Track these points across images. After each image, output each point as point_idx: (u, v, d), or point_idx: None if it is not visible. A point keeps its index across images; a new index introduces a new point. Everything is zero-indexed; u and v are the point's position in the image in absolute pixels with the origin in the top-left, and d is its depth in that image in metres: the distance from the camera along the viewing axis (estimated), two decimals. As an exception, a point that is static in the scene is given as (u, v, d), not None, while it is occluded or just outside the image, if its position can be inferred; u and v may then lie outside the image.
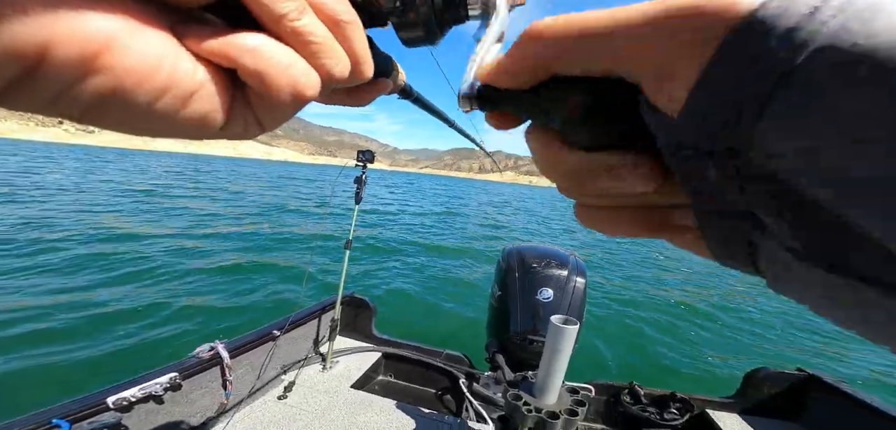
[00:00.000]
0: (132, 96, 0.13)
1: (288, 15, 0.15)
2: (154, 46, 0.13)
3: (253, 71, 0.15)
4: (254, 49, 0.15)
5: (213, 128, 0.16)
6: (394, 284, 5.57)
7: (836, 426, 1.67)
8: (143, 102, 0.13)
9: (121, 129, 0.14)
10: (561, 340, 0.80)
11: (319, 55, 0.16)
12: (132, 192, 13.74)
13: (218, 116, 0.16)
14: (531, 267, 1.71)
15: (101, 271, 4.76)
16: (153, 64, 0.13)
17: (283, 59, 0.15)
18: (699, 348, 4.27)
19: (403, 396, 1.77)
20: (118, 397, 1.11)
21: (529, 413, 0.81)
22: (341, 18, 0.17)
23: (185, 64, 0.14)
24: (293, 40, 0.16)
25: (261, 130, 0.18)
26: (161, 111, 0.13)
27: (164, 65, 0.13)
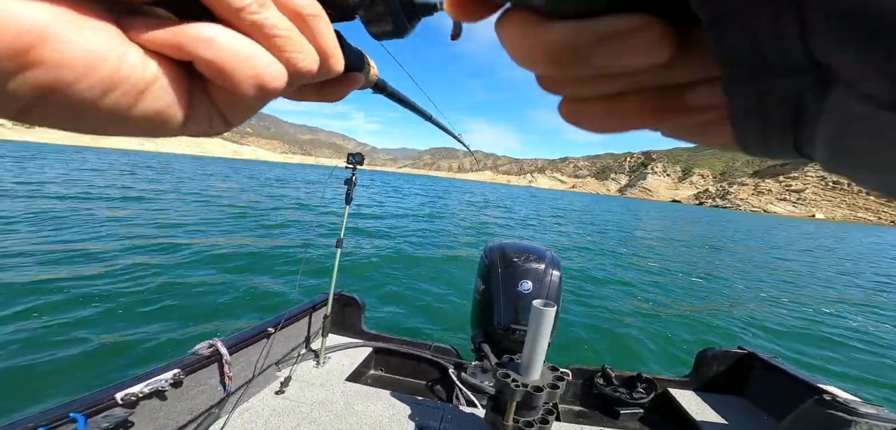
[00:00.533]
0: (74, 92, 0.12)
1: (247, 7, 0.14)
2: (96, 39, 0.12)
3: (210, 62, 0.14)
4: (209, 39, 0.14)
5: (173, 125, 0.15)
6: (380, 282, 5.61)
7: (771, 397, 1.94)
8: (88, 98, 0.12)
9: (68, 127, 0.13)
10: (542, 321, 0.94)
11: (284, 48, 0.16)
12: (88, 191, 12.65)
13: (176, 111, 0.15)
14: (512, 262, 1.85)
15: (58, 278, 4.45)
16: (95, 57, 0.12)
17: (243, 50, 0.15)
18: (660, 331, 4.71)
19: (395, 388, 1.87)
20: (125, 392, 1.14)
21: (517, 388, 0.96)
22: (305, 12, 0.17)
23: (133, 57, 0.13)
24: (255, 34, 0.15)
25: (227, 126, 0.17)
26: (110, 108, 0.13)
27: (109, 58, 0.12)
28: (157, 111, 0.14)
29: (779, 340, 4.96)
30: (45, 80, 0.11)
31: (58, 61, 0.11)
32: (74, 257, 5.16)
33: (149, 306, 3.82)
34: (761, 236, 24.85)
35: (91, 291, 4.04)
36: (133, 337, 3.15)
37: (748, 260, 12.64)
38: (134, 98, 0.13)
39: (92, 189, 13.09)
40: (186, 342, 1.45)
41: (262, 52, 0.15)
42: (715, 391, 2.04)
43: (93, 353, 2.87)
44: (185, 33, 0.14)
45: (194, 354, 1.43)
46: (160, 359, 1.35)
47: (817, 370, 4.01)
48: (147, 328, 3.34)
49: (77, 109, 0.12)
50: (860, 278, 10.74)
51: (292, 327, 1.98)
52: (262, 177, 33.04)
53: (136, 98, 0.13)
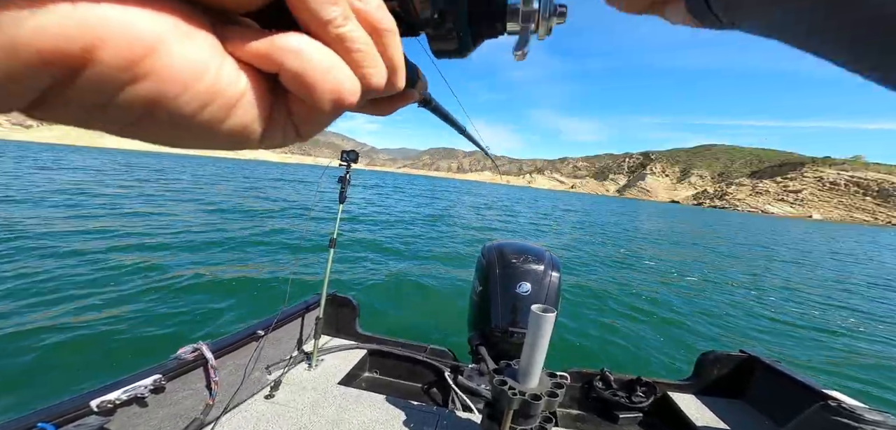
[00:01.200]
0: (176, 106, 0.12)
1: (334, 20, 0.14)
2: (201, 50, 0.12)
3: (297, 73, 0.14)
4: (299, 51, 0.14)
5: (253, 138, 0.15)
6: (377, 282, 5.56)
7: (773, 400, 1.90)
8: (187, 112, 0.12)
9: (163, 141, 0.13)
10: (541, 327, 0.90)
11: (361, 63, 0.16)
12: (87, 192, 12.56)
13: (258, 126, 0.15)
14: (510, 262, 1.81)
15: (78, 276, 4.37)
16: (199, 69, 0.12)
17: (326, 63, 0.14)
18: (660, 334, 4.66)
19: (390, 391, 1.82)
20: (102, 400, 1.08)
21: (514, 396, 0.91)
22: (382, 27, 0.17)
23: (228, 70, 0.13)
24: (337, 46, 0.15)
25: (298, 139, 0.17)
26: (204, 122, 0.13)
27: (209, 70, 0.12)
28: (243, 125, 0.14)
29: (781, 340, 4.92)
30: (154, 92, 0.11)
31: (166, 74, 0.11)
32: (57, 256, 5.09)
33: (128, 308, 3.74)
34: (756, 236, 24.88)
35: (67, 290, 3.97)
36: (109, 342, 3.06)
37: (748, 261, 12.63)
38: (226, 112, 0.13)
39: (81, 187, 12.99)
40: (168, 348, 1.39)
41: (342, 66, 0.15)
42: (716, 394, 2.01)
43: (66, 358, 2.79)
44: (276, 44, 0.14)
45: (177, 358, 1.37)
46: (139, 366, 1.28)
47: (822, 372, 3.98)
48: (125, 333, 3.26)
49: (176, 124, 0.12)
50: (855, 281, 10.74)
51: (283, 329, 1.92)
52: (259, 177, 32.94)
53: (228, 112, 0.13)
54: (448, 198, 31.50)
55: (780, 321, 5.73)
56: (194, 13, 0.12)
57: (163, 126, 0.12)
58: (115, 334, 3.18)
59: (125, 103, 0.11)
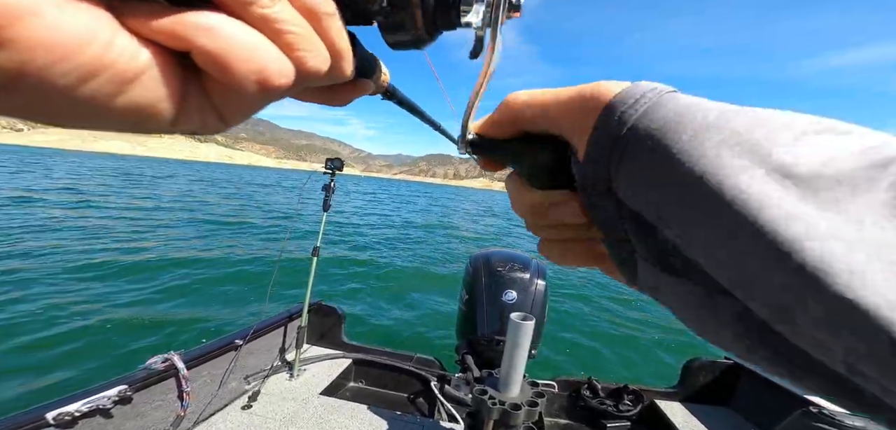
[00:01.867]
0: (48, 77, 0.10)
1: (257, 0, 0.13)
2: (80, 20, 0.11)
3: (210, 53, 0.13)
4: (211, 28, 0.13)
5: (162, 120, 0.13)
6: (365, 291, 5.48)
7: (757, 407, 1.92)
8: (63, 84, 0.11)
9: (38, 118, 0.12)
10: (519, 335, 0.87)
11: (295, 45, 0.15)
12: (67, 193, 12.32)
13: (165, 106, 0.13)
14: (496, 271, 1.79)
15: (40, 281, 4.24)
16: (78, 39, 0.11)
17: (248, 41, 0.13)
18: (647, 341, 4.67)
19: (375, 401, 1.77)
20: (60, 412, 1.02)
21: (494, 406, 0.88)
22: (320, 10, 0.15)
23: (122, 41, 0.12)
24: (264, 28, 0.14)
25: (222, 125, 0.16)
26: (89, 97, 0.11)
27: (95, 41, 0.11)
28: (144, 104, 0.13)
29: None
30: (16, 62, 0.10)
31: (32, 41, 0.10)
32: (28, 257, 4.96)
33: (96, 320, 3.61)
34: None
35: (34, 300, 3.84)
36: (70, 352, 2.94)
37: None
38: (118, 87, 0.12)
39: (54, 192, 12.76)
40: (137, 359, 1.33)
41: (269, 47, 0.14)
42: (702, 401, 2.03)
43: (24, 370, 2.67)
44: (185, 20, 0.13)
45: (145, 369, 1.31)
46: (103, 378, 1.22)
47: None
48: (88, 344, 3.14)
49: (51, 98, 0.11)
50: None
51: (264, 339, 1.87)
52: (248, 181, 32.67)
53: (120, 87, 0.12)
54: (436, 208, 31.52)
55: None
56: None
57: (32, 100, 0.11)
58: (80, 342, 3.06)
59: None
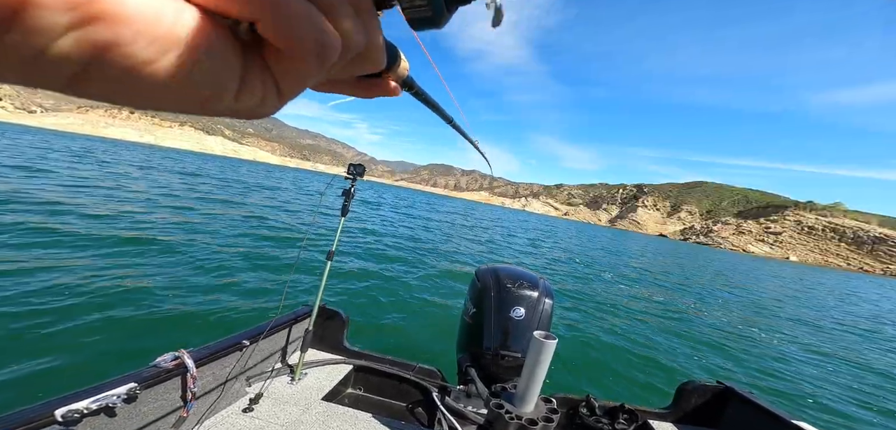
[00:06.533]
0: (130, 53, 0.10)
1: None
2: None
3: (277, 23, 0.13)
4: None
5: (227, 94, 0.14)
6: (366, 296, 5.45)
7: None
8: (141, 59, 0.11)
9: (117, 98, 0.12)
10: (542, 353, 0.88)
11: (342, 21, 0.15)
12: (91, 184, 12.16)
13: (231, 79, 0.13)
14: (505, 287, 1.80)
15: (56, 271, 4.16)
16: (153, 12, 0.11)
17: (307, 12, 0.13)
18: (643, 361, 4.68)
19: (375, 409, 1.76)
20: (68, 409, 1.01)
21: (511, 421, 0.88)
22: (361, 3, 0.16)
23: (189, 15, 0.12)
24: (316, 1, 0.14)
25: (280, 100, 0.16)
26: (164, 72, 0.11)
27: (165, 14, 0.11)
28: (213, 76, 0.13)
29: (759, 375, 4.97)
30: (103, 37, 0.10)
31: (117, 15, 0.10)
32: (43, 248, 4.87)
33: (114, 313, 3.58)
34: (733, 273, 25.46)
35: (53, 290, 3.78)
36: (85, 349, 2.90)
37: (727, 297, 12.85)
38: (190, 59, 0.12)
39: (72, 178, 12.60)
40: (149, 355, 1.32)
41: (322, 19, 0.14)
42: (693, 423, 2.06)
43: (39, 365, 2.63)
44: None
45: (155, 366, 1.29)
46: (114, 373, 1.20)
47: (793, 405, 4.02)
48: (106, 340, 3.11)
49: (130, 74, 0.11)
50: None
51: (269, 339, 1.85)
52: (254, 179, 32.52)
53: (191, 59, 0.12)
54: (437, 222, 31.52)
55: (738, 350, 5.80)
56: None
57: (116, 76, 0.11)
58: (91, 343, 3.01)
59: (71, 50, 0.10)
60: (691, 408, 2.09)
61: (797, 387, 4.79)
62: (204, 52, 0.12)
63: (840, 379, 5.45)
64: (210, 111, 0.14)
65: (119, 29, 0.10)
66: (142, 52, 0.11)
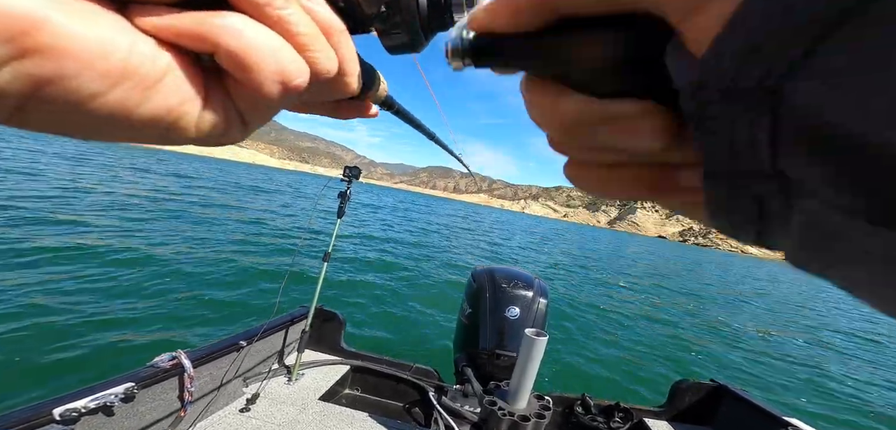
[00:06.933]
0: (75, 86, 0.10)
1: (272, 2, 0.13)
2: (102, 25, 0.11)
3: (235, 53, 0.12)
4: (236, 29, 0.12)
5: (187, 126, 0.13)
6: (364, 297, 5.46)
7: (739, 428, 1.98)
8: (89, 92, 0.10)
9: (65, 129, 0.11)
10: (533, 350, 0.90)
11: (307, 46, 0.15)
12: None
13: (191, 109, 0.13)
14: (501, 287, 1.82)
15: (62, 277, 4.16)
16: (102, 45, 0.10)
17: (270, 42, 0.13)
18: (638, 360, 4.71)
19: (372, 409, 1.77)
20: (66, 408, 1.02)
21: (504, 417, 0.90)
22: (333, 26, 0.16)
23: (143, 47, 0.11)
24: (279, 29, 0.14)
25: (245, 129, 0.16)
26: (116, 105, 0.11)
27: (117, 47, 0.11)
28: (169, 108, 0.12)
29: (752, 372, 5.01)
30: (43, 71, 0.10)
31: (59, 49, 0.10)
32: (38, 255, 4.86)
33: (111, 314, 3.58)
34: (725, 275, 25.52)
35: (50, 295, 3.78)
36: (85, 349, 2.91)
37: (724, 297, 12.89)
38: (143, 93, 0.11)
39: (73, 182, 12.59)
40: (145, 354, 1.34)
41: (286, 47, 0.14)
42: (687, 421, 2.08)
43: (34, 364, 2.63)
44: (209, 21, 0.12)
45: (153, 366, 1.30)
46: (112, 373, 1.21)
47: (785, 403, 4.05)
48: (103, 338, 3.11)
49: (77, 108, 0.11)
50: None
51: (266, 340, 1.86)
52: (255, 182, 32.53)
53: (145, 93, 0.11)
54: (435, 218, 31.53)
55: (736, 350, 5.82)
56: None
57: (58, 111, 0.10)
58: (85, 342, 3.01)
59: (9, 84, 0.09)
60: (685, 406, 2.11)
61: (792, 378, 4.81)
62: (157, 83, 0.12)
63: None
64: (169, 142, 0.13)
65: (61, 62, 0.10)
66: (88, 86, 0.10)
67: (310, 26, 0.15)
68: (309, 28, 0.15)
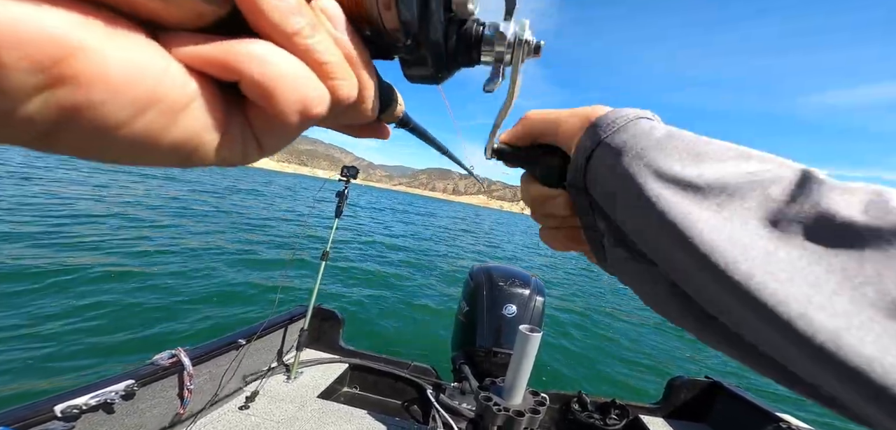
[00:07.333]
0: (105, 112, 0.10)
1: (300, 31, 0.13)
2: (135, 51, 0.11)
3: (260, 82, 0.13)
4: (262, 57, 0.13)
5: (207, 151, 0.13)
6: (362, 297, 5.46)
7: (733, 424, 2.01)
8: (120, 118, 0.10)
9: (87, 155, 0.11)
10: (527, 346, 0.92)
11: (330, 74, 0.15)
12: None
13: (211, 136, 0.13)
14: (497, 285, 1.84)
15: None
16: (135, 72, 0.10)
17: (293, 71, 0.13)
18: (633, 358, 4.75)
19: (370, 406, 1.78)
20: (68, 405, 1.03)
21: (499, 412, 0.92)
22: (356, 56, 0.17)
23: (174, 73, 0.11)
24: (305, 57, 0.14)
25: (260, 154, 0.16)
26: (142, 131, 0.11)
27: (149, 73, 0.11)
28: (192, 134, 0.12)
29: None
30: (74, 99, 0.09)
31: (92, 76, 0.09)
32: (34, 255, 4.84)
33: (106, 316, 3.57)
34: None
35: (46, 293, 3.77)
36: (81, 349, 2.91)
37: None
38: (169, 119, 0.11)
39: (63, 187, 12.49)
40: (144, 352, 1.34)
41: (310, 75, 0.14)
42: (683, 417, 2.11)
43: (36, 362, 2.63)
44: (237, 49, 0.12)
45: (152, 364, 1.32)
46: (109, 372, 1.23)
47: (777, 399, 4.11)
48: (99, 340, 3.11)
49: (105, 134, 0.10)
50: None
51: (265, 339, 1.87)
52: (254, 184, 32.37)
53: (172, 119, 0.11)
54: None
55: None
56: (123, 16, 0.11)
57: (87, 136, 0.10)
58: (81, 340, 3.01)
59: (38, 112, 0.09)
60: (681, 403, 2.14)
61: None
62: (187, 110, 0.12)
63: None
64: (188, 166, 0.14)
65: (93, 90, 0.10)
66: (116, 113, 0.10)
67: (335, 54, 0.15)
68: (334, 56, 0.15)
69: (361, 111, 0.19)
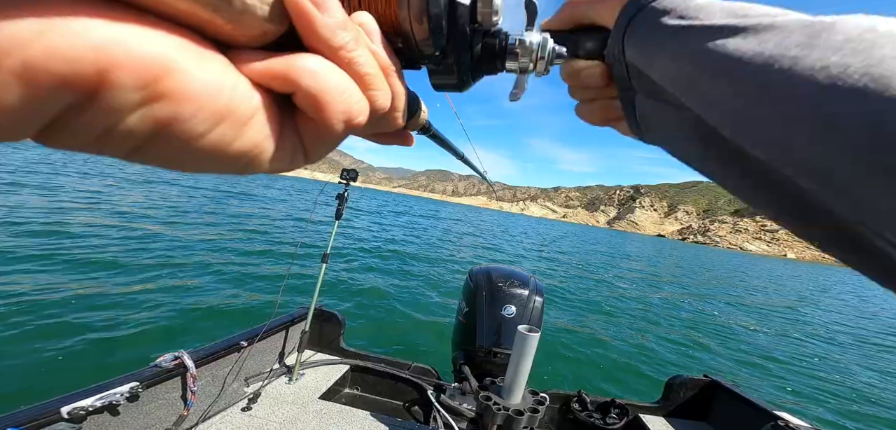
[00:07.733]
0: (190, 125, 0.11)
1: (346, 45, 0.15)
2: (215, 70, 0.12)
3: (312, 93, 0.14)
4: (315, 71, 0.14)
5: (263, 159, 0.14)
6: (362, 298, 5.48)
7: (732, 422, 2.02)
8: (200, 131, 0.11)
9: (167, 165, 0.12)
10: (526, 345, 0.93)
11: (370, 85, 0.16)
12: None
13: (269, 145, 0.14)
14: (497, 286, 1.85)
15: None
16: (214, 88, 0.12)
17: (342, 83, 0.15)
18: (633, 358, 4.75)
19: (371, 408, 1.79)
20: (74, 406, 1.05)
21: (498, 411, 0.93)
22: (390, 66, 0.18)
23: (243, 87, 0.13)
24: (349, 69, 0.15)
25: (306, 160, 0.17)
26: (214, 142, 0.12)
27: (225, 88, 0.12)
28: (253, 144, 0.14)
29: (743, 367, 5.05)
30: (166, 114, 0.10)
31: (182, 93, 0.11)
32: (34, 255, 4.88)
33: (110, 313, 3.60)
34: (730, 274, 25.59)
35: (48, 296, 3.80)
36: (81, 348, 2.93)
37: (720, 295, 12.95)
38: (237, 131, 0.13)
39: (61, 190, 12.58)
40: (146, 355, 1.36)
41: (354, 87, 0.15)
42: (682, 416, 2.12)
43: (40, 363, 2.66)
44: (294, 64, 0.14)
45: (156, 366, 1.33)
46: (113, 373, 1.24)
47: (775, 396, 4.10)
48: (102, 338, 3.14)
49: (187, 145, 0.12)
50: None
51: (267, 341, 1.89)
52: (253, 187, 32.54)
53: (239, 131, 0.13)
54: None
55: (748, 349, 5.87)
56: (200, 38, 0.12)
57: (170, 148, 0.11)
58: (83, 340, 3.03)
59: (136, 126, 0.10)
60: (680, 401, 2.15)
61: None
62: (251, 122, 0.13)
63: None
64: (243, 173, 0.15)
65: (182, 106, 0.11)
66: (198, 126, 0.11)
67: (374, 66, 0.16)
68: (373, 68, 0.16)
69: (392, 120, 0.20)
